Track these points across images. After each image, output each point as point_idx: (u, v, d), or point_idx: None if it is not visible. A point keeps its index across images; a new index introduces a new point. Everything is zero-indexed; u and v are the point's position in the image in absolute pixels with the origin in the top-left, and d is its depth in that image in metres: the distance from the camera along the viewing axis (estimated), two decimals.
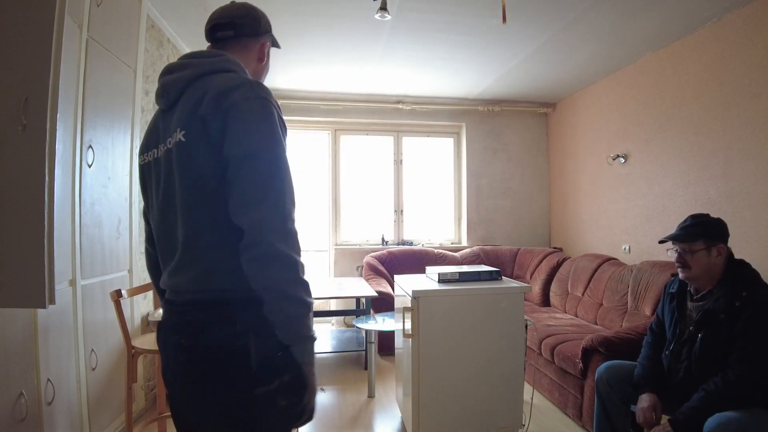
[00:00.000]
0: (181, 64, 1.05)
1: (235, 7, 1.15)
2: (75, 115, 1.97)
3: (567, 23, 3.09)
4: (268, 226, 0.89)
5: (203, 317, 0.95)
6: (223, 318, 0.93)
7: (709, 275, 1.74)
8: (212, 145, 0.92)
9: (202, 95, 0.95)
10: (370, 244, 5.09)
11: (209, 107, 0.92)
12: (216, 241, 0.94)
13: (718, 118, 3.01)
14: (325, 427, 2.63)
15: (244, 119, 0.91)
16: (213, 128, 0.91)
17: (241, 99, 0.92)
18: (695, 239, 1.74)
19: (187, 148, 0.94)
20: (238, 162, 0.90)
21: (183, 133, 0.94)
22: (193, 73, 1.00)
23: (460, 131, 5.33)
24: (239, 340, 0.91)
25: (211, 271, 0.95)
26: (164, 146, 1.00)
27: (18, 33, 1.31)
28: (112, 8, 2.23)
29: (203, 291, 0.96)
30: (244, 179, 0.89)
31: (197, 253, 0.96)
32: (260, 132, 0.92)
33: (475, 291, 2.23)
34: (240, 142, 0.90)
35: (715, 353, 1.65)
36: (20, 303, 1.34)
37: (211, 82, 0.96)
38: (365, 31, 3.24)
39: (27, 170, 1.30)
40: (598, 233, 4.33)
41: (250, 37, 1.14)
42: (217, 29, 1.11)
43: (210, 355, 0.93)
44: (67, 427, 1.90)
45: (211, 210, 0.93)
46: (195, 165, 0.93)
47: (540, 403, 2.90)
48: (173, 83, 1.02)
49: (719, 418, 1.53)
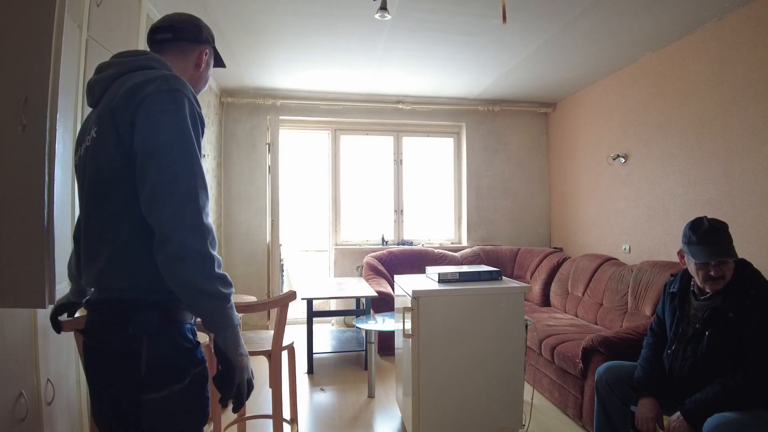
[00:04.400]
0: (108, 64, 1.05)
1: (179, 15, 1.17)
2: (75, 115, 1.96)
3: (567, 23, 3.08)
4: (178, 223, 0.86)
5: (100, 317, 0.95)
6: (117, 319, 0.91)
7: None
8: (120, 138, 0.90)
9: (116, 93, 0.94)
10: (370, 244, 5.09)
11: (120, 101, 0.91)
12: (115, 238, 0.92)
13: (718, 118, 3.01)
14: (325, 427, 2.63)
15: (153, 113, 0.89)
16: (122, 122, 0.90)
17: (153, 92, 0.90)
18: (733, 250, 1.70)
19: (97, 144, 0.94)
20: (146, 157, 0.88)
21: (95, 129, 0.95)
22: (114, 73, 1.00)
23: (460, 131, 5.32)
24: (130, 343, 0.90)
25: (110, 270, 0.93)
26: (84, 144, 1.00)
27: (18, 33, 1.31)
28: (112, 8, 2.23)
29: (102, 290, 0.96)
30: (151, 175, 0.87)
31: (98, 251, 0.95)
32: (167, 124, 0.89)
33: (475, 291, 2.23)
34: (147, 136, 0.88)
35: (722, 351, 1.65)
36: (20, 303, 1.34)
37: (130, 80, 0.95)
38: (365, 30, 3.24)
39: (27, 170, 1.29)
40: (599, 233, 4.33)
41: (189, 42, 1.14)
42: (157, 32, 1.11)
43: (103, 356, 0.93)
44: (67, 427, 1.90)
45: (113, 205, 0.92)
46: (102, 159, 0.92)
47: (540, 403, 2.90)
48: (97, 82, 1.02)
49: (719, 418, 1.53)
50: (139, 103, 0.89)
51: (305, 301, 3.57)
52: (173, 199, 0.87)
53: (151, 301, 0.91)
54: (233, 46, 3.55)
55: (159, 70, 0.99)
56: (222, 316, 0.91)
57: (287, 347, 2.21)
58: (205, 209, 0.91)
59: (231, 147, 4.77)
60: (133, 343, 0.90)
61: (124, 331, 0.90)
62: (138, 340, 0.90)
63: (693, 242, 1.72)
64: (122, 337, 0.90)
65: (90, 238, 0.97)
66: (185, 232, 0.86)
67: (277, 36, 3.35)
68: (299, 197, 5.31)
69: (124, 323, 0.90)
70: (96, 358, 0.96)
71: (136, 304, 0.91)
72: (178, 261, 0.86)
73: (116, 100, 0.92)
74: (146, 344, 0.90)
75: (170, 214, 0.86)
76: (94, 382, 0.98)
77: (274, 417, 2.03)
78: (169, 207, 0.86)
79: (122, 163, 0.90)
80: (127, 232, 0.91)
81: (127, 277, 0.91)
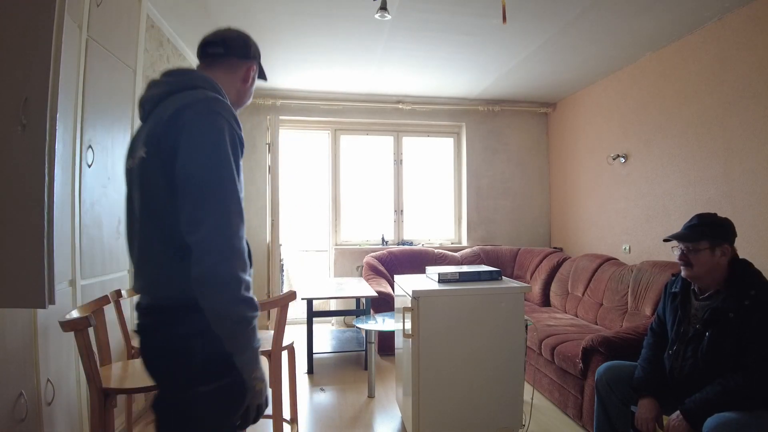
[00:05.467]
0: (157, 82, 1.09)
1: (228, 30, 1.20)
2: (75, 115, 1.97)
3: (567, 23, 3.08)
4: (210, 246, 0.91)
5: (151, 321, 1.01)
6: (166, 322, 0.98)
7: (712, 275, 1.74)
8: (164, 163, 0.94)
9: (163, 114, 0.98)
10: (370, 244, 5.09)
11: (165, 126, 0.95)
12: (160, 255, 0.98)
13: (718, 118, 3.01)
14: (325, 427, 2.63)
15: (193, 139, 0.93)
16: (165, 147, 0.94)
17: (193, 116, 0.94)
18: (700, 239, 1.74)
19: (145, 165, 0.98)
20: (185, 183, 0.93)
21: (144, 150, 0.98)
22: (163, 91, 1.04)
23: (460, 131, 5.32)
24: (180, 342, 0.96)
25: (156, 282, 1.01)
26: (132, 159, 1.05)
27: (18, 33, 1.31)
28: (112, 8, 2.23)
29: (152, 297, 1.02)
30: (189, 199, 0.92)
31: (146, 263, 1.03)
32: (205, 151, 0.93)
33: (475, 291, 2.23)
34: (187, 162, 0.93)
35: (723, 351, 1.65)
36: (20, 303, 1.34)
37: (175, 102, 0.99)
38: (365, 30, 3.24)
39: (27, 170, 1.30)
40: (599, 233, 4.33)
41: (238, 58, 1.17)
42: (208, 46, 1.15)
43: (156, 355, 1.01)
44: (67, 427, 1.90)
45: (158, 225, 0.97)
46: (149, 181, 0.98)
47: (540, 403, 2.90)
48: (147, 100, 1.07)
49: (719, 418, 1.53)
50: (181, 130, 0.94)
51: (305, 301, 3.57)
52: (206, 223, 0.91)
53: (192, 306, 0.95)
54: None
55: (202, 91, 1.02)
56: (243, 339, 0.95)
57: (287, 347, 2.21)
58: (238, 233, 0.94)
59: None
60: (187, 342, 0.96)
61: (177, 332, 0.97)
62: (191, 340, 0.96)
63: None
64: (175, 336, 0.97)
65: (142, 247, 1.03)
66: (214, 257, 0.90)
67: (277, 36, 3.35)
68: (299, 197, 5.31)
69: (176, 324, 0.97)
70: (151, 356, 1.02)
71: (187, 307, 0.95)
72: (206, 286, 0.91)
73: (161, 126, 0.96)
74: (199, 343, 0.96)
75: (202, 239, 0.91)
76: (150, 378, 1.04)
77: (274, 417, 2.03)
78: (201, 231, 0.91)
79: (165, 188, 0.95)
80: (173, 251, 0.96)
81: (177, 287, 0.96)
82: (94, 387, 1.55)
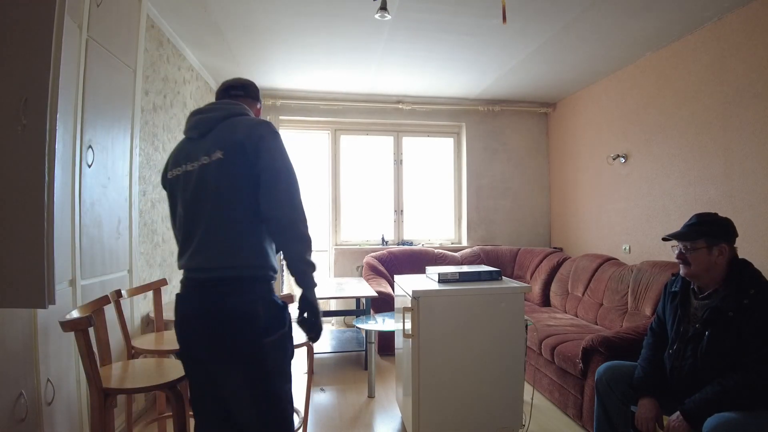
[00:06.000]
0: (211, 108, 1.46)
1: (245, 79, 1.62)
2: (75, 115, 1.97)
3: (567, 23, 3.09)
4: (295, 217, 1.33)
5: (224, 289, 1.30)
6: (239, 290, 1.31)
7: (710, 274, 1.74)
8: (247, 160, 1.31)
9: (235, 128, 1.36)
10: (370, 244, 5.09)
11: (244, 136, 1.33)
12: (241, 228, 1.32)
13: (718, 118, 3.01)
14: (325, 427, 2.63)
15: (271, 147, 1.33)
16: (249, 150, 1.32)
17: (266, 132, 1.35)
18: (697, 237, 1.75)
19: (225, 162, 1.32)
20: (272, 175, 1.31)
21: (221, 152, 1.33)
22: (221, 115, 1.42)
23: (460, 131, 5.33)
24: (251, 306, 1.30)
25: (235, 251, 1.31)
26: (196, 162, 1.36)
27: (18, 33, 1.31)
28: (112, 8, 2.23)
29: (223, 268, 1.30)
30: (275, 186, 1.31)
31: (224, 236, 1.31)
32: (282, 155, 1.35)
33: (476, 291, 2.23)
34: (270, 161, 1.32)
35: (722, 351, 1.65)
36: (20, 303, 1.34)
37: (239, 121, 1.39)
38: (365, 31, 3.24)
39: (27, 170, 1.30)
40: (599, 233, 4.33)
41: (252, 99, 1.59)
42: (231, 89, 1.56)
43: (231, 316, 1.29)
44: (67, 427, 1.90)
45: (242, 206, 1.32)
46: (232, 173, 1.32)
47: (540, 403, 2.90)
48: (206, 120, 1.42)
49: (719, 418, 1.52)
50: (259, 139, 1.32)
51: None
52: (291, 202, 1.33)
53: (259, 276, 1.33)
54: (233, 46, 3.56)
55: (252, 116, 1.47)
56: (311, 278, 1.36)
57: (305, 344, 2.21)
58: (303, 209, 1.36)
59: None
60: (253, 305, 1.30)
61: (246, 297, 1.30)
62: (257, 303, 1.31)
63: None
64: (246, 300, 1.30)
65: (212, 232, 1.32)
66: (301, 225, 1.34)
67: (277, 36, 3.35)
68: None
69: (244, 293, 1.30)
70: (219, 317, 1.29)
71: (251, 278, 1.32)
72: (295, 241, 1.33)
73: (239, 135, 1.33)
74: (262, 306, 1.32)
75: (290, 212, 1.32)
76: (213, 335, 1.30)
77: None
78: (288, 207, 1.32)
79: (246, 178, 1.32)
80: (243, 225, 1.32)
81: (245, 257, 1.31)
82: (94, 387, 1.55)
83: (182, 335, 1.39)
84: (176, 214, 1.44)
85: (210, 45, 3.53)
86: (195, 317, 1.33)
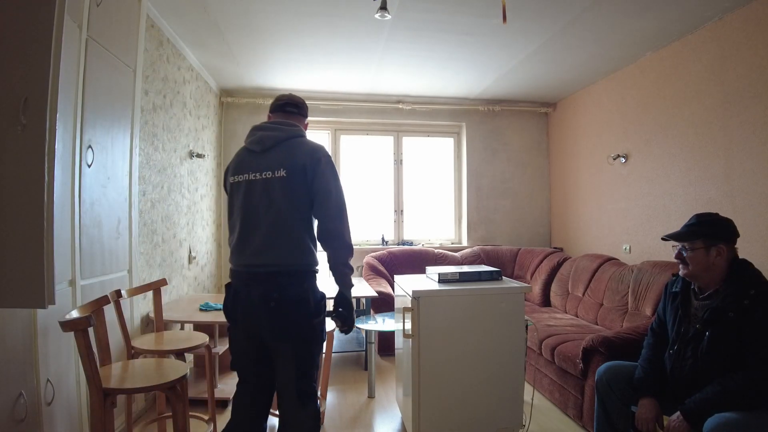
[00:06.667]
0: (273, 127, 1.72)
1: (298, 96, 1.88)
2: (74, 115, 1.96)
3: (567, 23, 3.08)
4: (343, 230, 1.65)
5: (283, 281, 1.59)
6: (296, 281, 1.61)
7: (709, 275, 1.74)
8: (306, 180, 1.62)
9: (295, 150, 1.65)
10: (370, 244, 5.09)
11: (307, 159, 1.62)
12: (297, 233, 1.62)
13: (718, 117, 3.01)
14: (325, 427, 2.62)
15: (326, 170, 1.64)
16: (309, 172, 1.62)
17: (323, 157, 1.65)
18: (695, 238, 1.75)
19: (288, 180, 1.61)
20: (326, 195, 1.62)
21: (285, 171, 1.61)
22: (283, 135, 1.69)
23: (460, 131, 5.32)
24: (305, 294, 1.61)
25: (290, 254, 1.60)
26: (259, 174, 1.64)
27: (18, 33, 1.31)
28: (112, 8, 2.23)
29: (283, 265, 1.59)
30: (329, 204, 1.63)
31: (284, 239, 1.60)
32: (335, 178, 1.66)
33: (476, 291, 2.23)
34: (325, 183, 1.62)
35: (723, 351, 1.64)
36: (20, 303, 1.34)
37: (299, 143, 1.68)
38: (365, 30, 3.24)
39: (26, 170, 1.30)
40: (599, 233, 4.33)
41: (303, 117, 1.86)
42: (287, 106, 1.81)
43: (290, 302, 1.59)
44: (66, 428, 1.90)
45: (299, 216, 1.62)
46: (294, 190, 1.61)
47: (540, 403, 2.90)
48: (269, 138, 1.68)
49: (719, 418, 1.52)
50: (317, 162, 1.62)
51: None
52: (341, 217, 1.65)
53: (310, 271, 1.65)
54: (233, 46, 3.55)
55: (308, 139, 1.74)
56: (350, 279, 1.68)
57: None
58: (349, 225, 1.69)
59: (231, 147, 4.77)
60: (306, 293, 1.61)
61: (301, 287, 1.61)
62: (308, 292, 1.62)
63: None
64: (301, 290, 1.61)
65: (273, 234, 1.60)
66: (347, 235, 1.66)
67: (277, 36, 3.35)
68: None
69: (301, 283, 1.61)
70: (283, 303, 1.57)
71: (305, 272, 1.63)
72: (342, 248, 1.64)
73: (302, 157, 1.62)
74: (311, 294, 1.63)
75: (340, 225, 1.64)
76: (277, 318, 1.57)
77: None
78: (338, 220, 1.64)
79: (303, 195, 1.62)
80: (299, 231, 1.62)
81: (299, 257, 1.62)
82: (94, 387, 1.55)
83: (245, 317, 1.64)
84: (233, 215, 1.71)
85: (210, 45, 3.53)
86: (261, 302, 1.58)
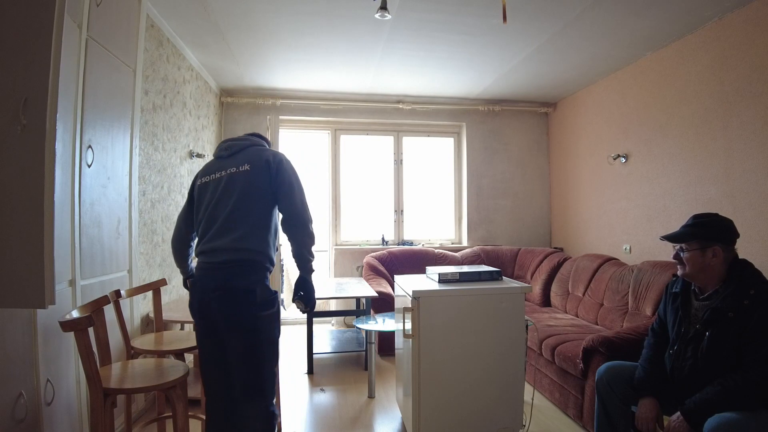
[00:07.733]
0: (239, 138, 1.92)
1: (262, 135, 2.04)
2: (74, 115, 1.96)
3: (567, 23, 3.08)
4: (306, 218, 1.78)
5: (230, 272, 1.66)
6: (246, 272, 1.68)
7: (705, 275, 1.74)
8: (269, 174, 1.77)
9: (260, 153, 1.83)
10: (370, 244, 5.09)
11: (271, 157, 1.80)
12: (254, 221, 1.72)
13: (718, 117, 3.01)
14: (325, 428, 2.62)
15: (287, 168, 1.81)
16: (272, 167, 1.78)
17: (284, 159, 1.84)
18: (690, 239, 1.75)
19: (251, 174, 1.76)
20: (288, 188, 1.77)
21: (248, 165, 1.77)
22: (248, 143, 1.89)
23: (460, 131, 5.32)
24: (251, 286, 1.67)
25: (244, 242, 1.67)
26: (224, 172, 1.79)
27: (18, 33, 1.31)
28: (112, 8, 2.23)
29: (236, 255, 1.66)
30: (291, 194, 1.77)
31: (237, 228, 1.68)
32: (296, 174, 1.83)
33: (476, 291, 2.23)
34: (286, 178, 1.78)
35: (722, 351, 1.64)
36: (20, 303, 1.34)
37: (263, 149, 1.88)
38: (365, 30, 3.24)
39: (26, 170, 1.30)
40: (599, 233, 4.33)
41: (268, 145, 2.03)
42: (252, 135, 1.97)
43: (234, 293, 1.65)
44: (66, 428, 1.90)
45: (258, 206, 1.74)
46: (256, 182, 1.75)
47: (540, 403, 2.90)
48: (235, 145, 1.86)
49: (719, 418, 1.52)
50: (279, 161, 1.80)
51: None
52: (304, 207, 1.79)
53: (262, 265, 1.71)
54: (233, 46, 3.55)
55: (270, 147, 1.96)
56: (311, 265, 1.79)
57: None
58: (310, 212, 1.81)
59: None
60: (253, 285, 1.67)
61: (248, 279, 1.67)
62: (255, 284, 1.67)
63: None
64: (248, 282, 1.66)
65: (231, 220, 1.69)
66: (309, 224, 1.78)
67: (277, 36, 3.35)
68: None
69: (248, 275, 1.67)
70: (228, 296, 1.65)
71: (255, 264, 1.69)
72: (305, 235, 1.76)
73: (266, 155, 1.81)
74: (259, 288, 1.68)
75: (302, 213, 1.77)
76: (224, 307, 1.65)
77: None
78: (302, 209, 1.77)
79: (265, 188, 1.75)
80: (256, 219, 1.72)
81: (253, 244, 1.69)
82: (94, 387, 1.54)
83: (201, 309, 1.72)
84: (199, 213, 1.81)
85: (210, 45, 3.53)
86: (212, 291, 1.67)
